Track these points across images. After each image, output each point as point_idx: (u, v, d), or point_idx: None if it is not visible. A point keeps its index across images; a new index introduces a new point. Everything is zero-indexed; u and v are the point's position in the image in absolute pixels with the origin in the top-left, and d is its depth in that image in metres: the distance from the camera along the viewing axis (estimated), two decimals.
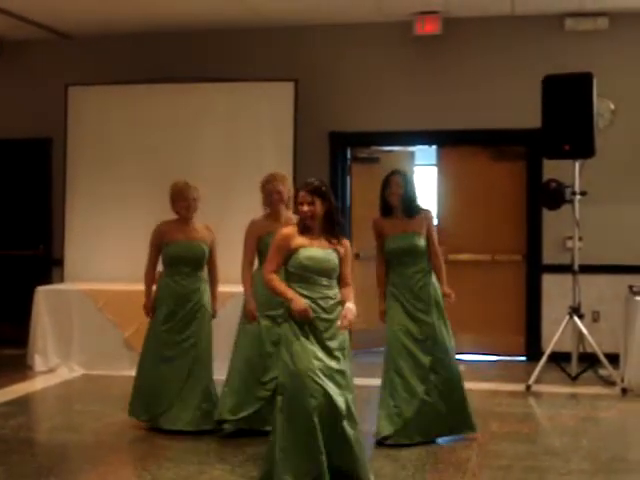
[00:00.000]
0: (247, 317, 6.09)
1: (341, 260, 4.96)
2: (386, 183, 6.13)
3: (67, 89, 9.36)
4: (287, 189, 6.24)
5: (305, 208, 4.91)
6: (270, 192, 6.21)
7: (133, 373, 6.43)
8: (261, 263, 6.09)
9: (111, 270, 8.99)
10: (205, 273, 6.49)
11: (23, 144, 9.97)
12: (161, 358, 6.27)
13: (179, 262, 6.33)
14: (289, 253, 4.89)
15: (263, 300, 5.95)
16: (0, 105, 9.90)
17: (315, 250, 4.88)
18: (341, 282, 4.98)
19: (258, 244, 6.15)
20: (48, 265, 9.87)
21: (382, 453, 5.66)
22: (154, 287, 6.43)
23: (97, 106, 9.32)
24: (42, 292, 8.68)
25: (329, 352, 4.78)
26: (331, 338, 4.81)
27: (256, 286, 5.99)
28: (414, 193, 6.14)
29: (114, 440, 6.08)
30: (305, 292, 4.81)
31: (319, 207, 4.92)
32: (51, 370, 8.46)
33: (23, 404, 7.36)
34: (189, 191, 6.37)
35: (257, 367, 6.04)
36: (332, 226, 4.99)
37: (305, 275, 4.83)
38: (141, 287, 6.49)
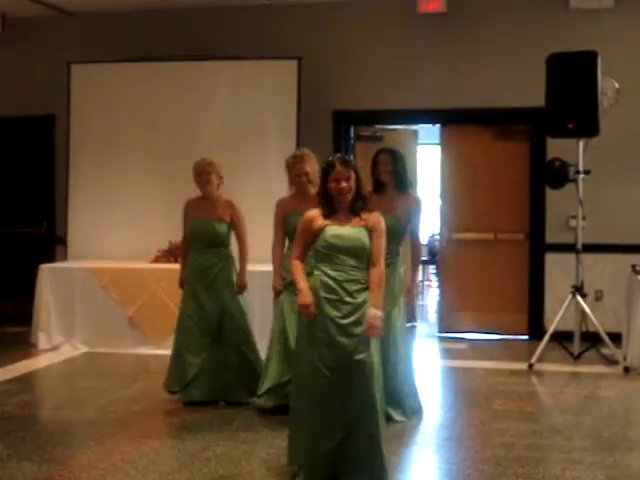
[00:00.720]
0: (274, 292, 6.12)
1: (371, 236, 4.72)
2: (375, 162, 6.16)
3: (70, 66, 9.33)
4: (314, 169, 6.12)
5: (344, 184, 4.70)
6: (299, 173, 6.11)
7: (137, 351, 6.47)
8: (290, 242, 6.06)
9: (115, 248, 9.00)
10: (228, 249, 6.52)
11: (26, 121, 9.96)
12: (186, 331, 6.36)
13: (196, 239, 6.44)
14: (314, 234, 4.71)
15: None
16: (3, 82, 9.87)
17: (343, 228, 4.68)
18: (370, 261, 4.70)
19: (284, 224, 6.09)
20: (51, 243, 9.88)
21: None
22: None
23: (99, 83, 9.30)
24: (46, 270, 8.68)
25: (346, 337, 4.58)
26: (355, 324, 4.59)
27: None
28: (404, 168, 6.16)
29: (118, 417, 6.10)
30: (331, 272, 4.61)
31: (354, 182, 4.74)
32: (55, 348, 8.48)
33: (27, 381, 7.37)
34: (202, 166, 6.45)
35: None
36: (361, 201, 4.78)
37: (331, 255, 4.63)
38: (144, 265, 6.52)
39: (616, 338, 7.93)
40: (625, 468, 4.98)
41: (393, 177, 6.11)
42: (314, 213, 4.76)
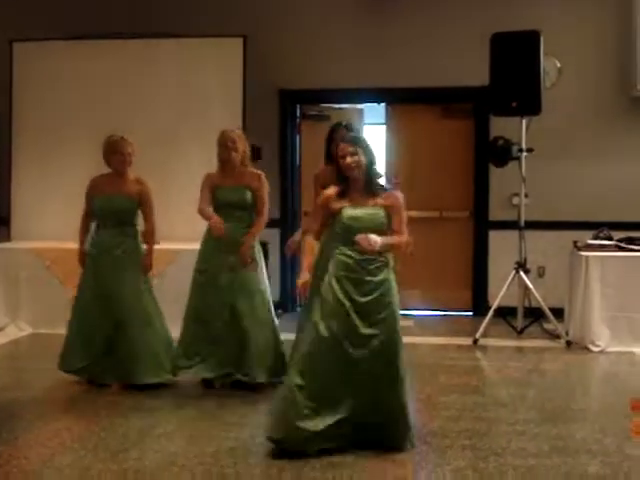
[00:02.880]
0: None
1: (389, 215, 4.86)
2: (330, 137, 6.09)
3: (12, 45, 9.17)
4: (243, 146, 6.24)
5: (349, 159, 4.78)
6: (224, 144, 6.22)
7: None
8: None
9: (58, 228, 8.87)
10: (134, 229, 6.45)
11: None
12: (89, 311, 6.30)
13: (103, 215, 6.34)
14: (332, 214, 4.84)
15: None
16: None
17: (358, 210, 4.78)
18: (393, 232, 4.87)
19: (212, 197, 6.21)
20: None
21: None
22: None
23: (41, 62, 9.13)
24: None
25: (366, 317, 4.74)
26: (374, 302, 4.74)
27: None
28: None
29: (65, 397, 6.08)
30: (350, 252, 4.73)
31: (362, 158, 4.81)
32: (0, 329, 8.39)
33: None
34: (124, 145, 6.34)
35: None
36: (373, 181, 4.87)
37: (349, 236, 4.74)
38: None
39: (558, 313, 8.09)
40: (568, 439, 5.10)
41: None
42: (332, 191, 4.88)
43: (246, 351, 6.10)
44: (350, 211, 4.80)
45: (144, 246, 6.44)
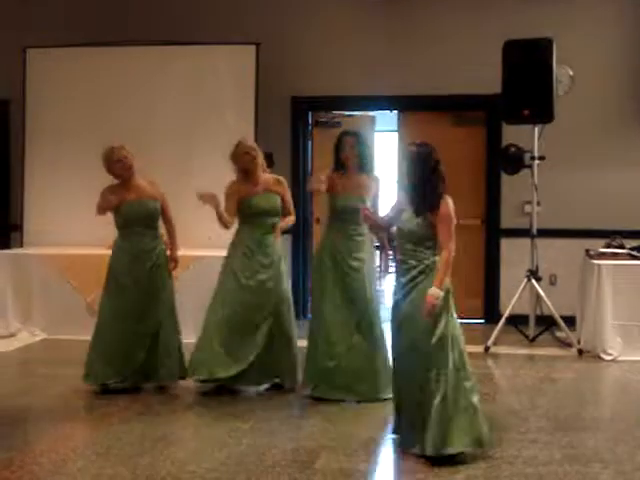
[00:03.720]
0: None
1: (434, 225, 4.97)
2: (339, 144, 6.20)
3: (25, 51, 9.22)
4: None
5: None
6: (247, 151, 6.31)
7: None
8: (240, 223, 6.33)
9: (70, 235, 8.93)
10: (160, 231, 6.48)
11: None
12: (120, 318, 6.27)
13: (132, 222, 6.32)
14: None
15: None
16: None
17: (408, 217, 5.05)
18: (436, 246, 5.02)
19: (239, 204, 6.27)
20: (6, 230, 9.76)
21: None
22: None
23: (56, 68, 9.19)
24: (2, 256, 8.61)
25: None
26: (404, 298, 5.09)
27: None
28: (367, 150, 6.29)
29: (77, 403, 6.09)
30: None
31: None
32: (12, 335, 8.40)
33: None
34: (117, 152, 6.36)
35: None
36: (423, 193, 5.00)
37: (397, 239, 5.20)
38: (102, 251, 6.48)
39: (570, 321, 8.08)
40: (580, 447, 5.08)
41: (357, 159, 6.17)
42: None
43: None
44: (404, 216, 5.12)
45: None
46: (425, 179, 5.02)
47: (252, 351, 6.17)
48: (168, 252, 6.47)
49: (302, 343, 6.35)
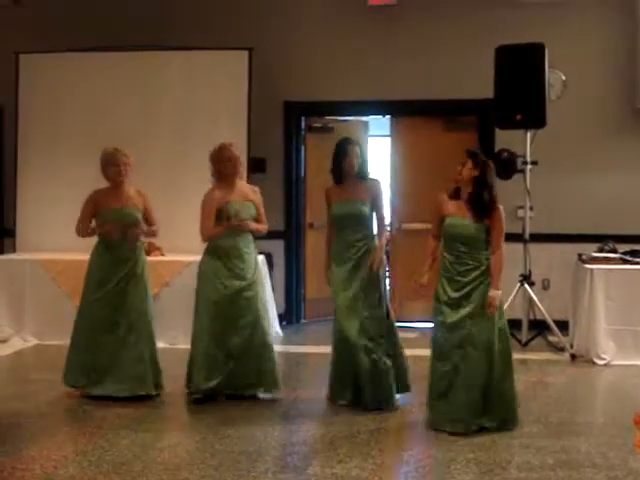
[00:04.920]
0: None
1: (488, 229, 5.47)
2: (343, 152, 6.07)
3: (18, 56, 9.21)
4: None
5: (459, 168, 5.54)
6: (229, 157, 6.27)
7: None
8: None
9: (64, 240, 8.85)
10: (140, 242, 6.46)
11: None
12: (96, 326, 6.26)
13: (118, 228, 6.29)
14: (441, 219, 5.59)
15: None
16: None
17: (458, 219, 5.47)
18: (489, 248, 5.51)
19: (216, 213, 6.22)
20: None
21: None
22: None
23: (49, 74, 9.19)
24: None
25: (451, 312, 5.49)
26: (464, 297, 5.44)
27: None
28: (366, 159, 6.25)
29: (69, 409, 6.07)
30: (447, 255, 5.52)
31: (468, 170, 5.49)
32: (4, 340, 8.39)
33: None
34: (119, 156, 6.33)
35: None
36: (484, 197, 5.46)
37: (448, 240, 5.53)
38: None
39: (563, 326, 8.09)
40: (573, 452, 5.09)
41: (359, 168, 6.11)
42: (444, 197, 5.63)
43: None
44: (451, 220, 5.52)
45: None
46: (490, 188, 5.53)
47: (232, 359, 6.17)
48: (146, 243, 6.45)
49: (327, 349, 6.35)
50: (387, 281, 6.76)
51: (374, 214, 6.19)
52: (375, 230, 6.18)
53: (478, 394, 5.44)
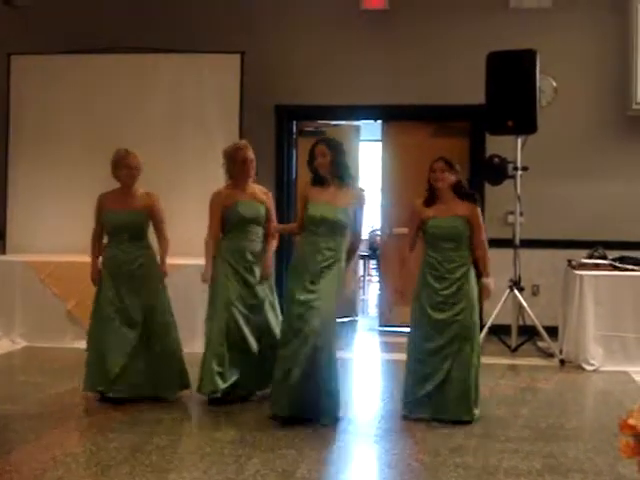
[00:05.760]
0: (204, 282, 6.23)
1: (471, 227, 5.76)
2: (312, 154, 5.80)
3: (9, 58, 9.20)
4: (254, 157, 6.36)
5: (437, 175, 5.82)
6: (244, 160, 6.24)
7: (76, 345, 6.45)
8: (229, 232, 6.25)
9: (54, 241, 8.91)
10: (147, 242, 6.43)
11: None
12: (109, 327, 6.23)
13: (118, 231, 6.29)
14: (421, 222, 5.82)
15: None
16: None
17: (441, 220, 5.73)
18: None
19: (224, 214, 6.22)
20: None
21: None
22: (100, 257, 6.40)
23: (40, 76, 9.18)
24: None
25: (441, 309, 5.71)
26: (450, 295, 5.69)
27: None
28: (344, 159, 5.81)
29: (58, 411, 6.04)
30: (433, 254, 5.78)
31: (451, 177, 5.79)
32: None
33: None
34: (130, 158, 6.32)
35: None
36: (460, 195, 5.79)
37: (432, 241, 5.79)
38: (84, 259, 6.45)
39: (552, 332, 8.10)
40: (561, 457, 5.09)
41: (333, 169, 5.75)
42: (419, 203, 5.88)
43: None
44: (434, 221, 5.77)
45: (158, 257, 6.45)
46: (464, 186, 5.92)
47: (242, 361, 6.18)
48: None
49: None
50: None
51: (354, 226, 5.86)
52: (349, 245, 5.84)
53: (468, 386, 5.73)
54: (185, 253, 7.55)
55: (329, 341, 5.61)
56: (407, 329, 8.89)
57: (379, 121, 9.84)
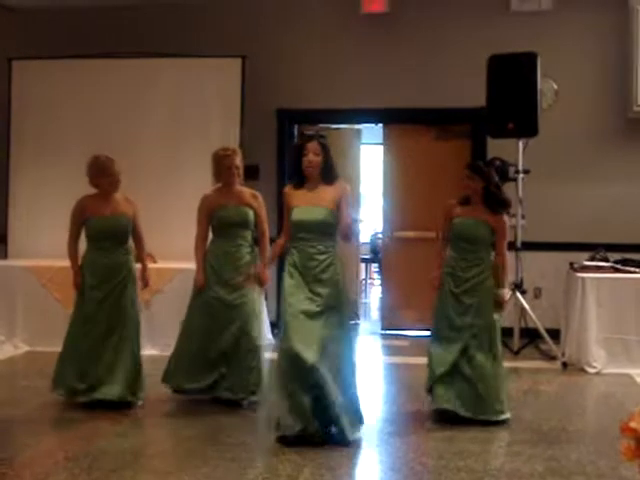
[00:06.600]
0: (195, 287, 6.25)
1: (492, 231, 5.89)
2: (301, 149, 5.46)
3: (10, 63, 9.21)
4: (241, 163, 6.35)
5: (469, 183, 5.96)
6: (229, 165, 6.24)
7: None
8: (216, 236, 6.30)
9: (56, 246, 8.80)
10: (130, 247, 6.42)
11: None
12: (88, 332, 6.23)
13: (103, 236, 6.27)
14: (449, 222, 6.00)
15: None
16: None
17: (465, 219, 5.92)
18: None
19: (211, 218, 6.25)
20: None
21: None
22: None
23: (41, 80, 9.17)
24: None
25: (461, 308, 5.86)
26: (465, 292, 5.85)
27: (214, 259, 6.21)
28: (333, 160, 5.51)
29: (60, 416, 6.05)
30: (452, 253, 5.94)
31: (478, 182, 5.92)
32: None
33: None
34: (112, 166, 6.29)
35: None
36: (491, 199, 5.91)
37: (455, 240, 5.96)
38: None
39: (555, 334, 8.10)
40: (563, 460, 5.08)
41: (322, 170, 5.43)
42: (452, 202, 6.08)
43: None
44: (459, 219, 5.95)
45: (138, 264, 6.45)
46: (498, 186, 6.04)
47: (221, 363, 6.20)
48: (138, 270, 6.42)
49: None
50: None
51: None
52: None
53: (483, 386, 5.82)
54: (185, 258, 7.55)
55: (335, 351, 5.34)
56: (409, 332, 8.91)
57: (380, 124, 9.84)
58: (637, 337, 7.58)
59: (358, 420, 5.43)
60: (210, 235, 6.39)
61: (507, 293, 5.95)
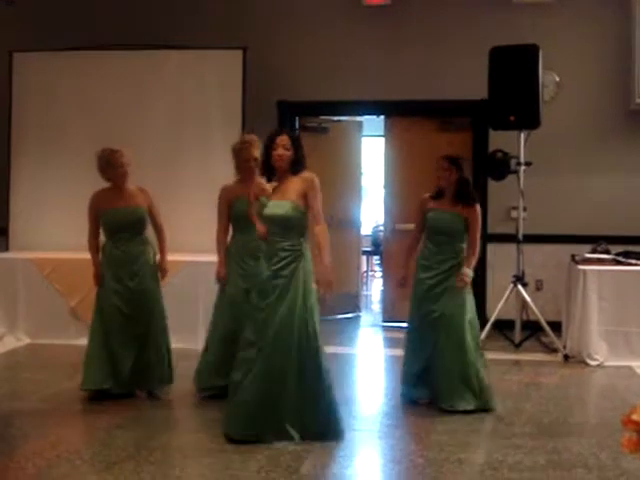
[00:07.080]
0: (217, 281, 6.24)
1: (466, 222, 6.00)
2: (271, 142, 5.28)
3: (12, 55, 9.19)
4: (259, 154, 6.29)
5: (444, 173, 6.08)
6: (247, 158, 6.19)
7: (79, 342, 6.42)
8: (235, 229, 6.25)
9: (57, 238, 8.89)
10: (146, 237, 6.43)
11: None
12: (112, 325, 6.23)
13: (118, 228, 6.28)
14: (423, 216, 6.13)
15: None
16: None
17: (440, 212, 6.04)
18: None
19: (230, 210, 6.21)
20: None
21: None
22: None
23: (43, 73, 9.15)
24: None
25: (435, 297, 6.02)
26: (439, 284, 6.00)
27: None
28: (303, 154, 5.31)
29: (62, 408, 6.05)
30: (428, 245, 6.10)
31: (454, 173, 6.05)
32: None
33: None
34: (119, 158, 6.28)
35: None
36: (463, 193, 6.04)
37: (430, 234, 6.12)
38: (87, 256, 6.44)
39: (556, 327, 8.10)
40: (565, 452, 5.09)
41: (292, 164, 5.26)
42: (426, 197, 6.18)
43: None
44: (434, 213, 6.10)
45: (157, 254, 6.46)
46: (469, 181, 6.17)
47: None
48: (157, 259, 6.43)
49: None
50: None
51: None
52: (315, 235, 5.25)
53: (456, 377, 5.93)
54: (191, 250, 7.56)
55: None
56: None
57: (382, 116, 9.82)
58: (639, 329, 7.58)
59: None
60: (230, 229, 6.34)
61: (469, 274, 5.98)
